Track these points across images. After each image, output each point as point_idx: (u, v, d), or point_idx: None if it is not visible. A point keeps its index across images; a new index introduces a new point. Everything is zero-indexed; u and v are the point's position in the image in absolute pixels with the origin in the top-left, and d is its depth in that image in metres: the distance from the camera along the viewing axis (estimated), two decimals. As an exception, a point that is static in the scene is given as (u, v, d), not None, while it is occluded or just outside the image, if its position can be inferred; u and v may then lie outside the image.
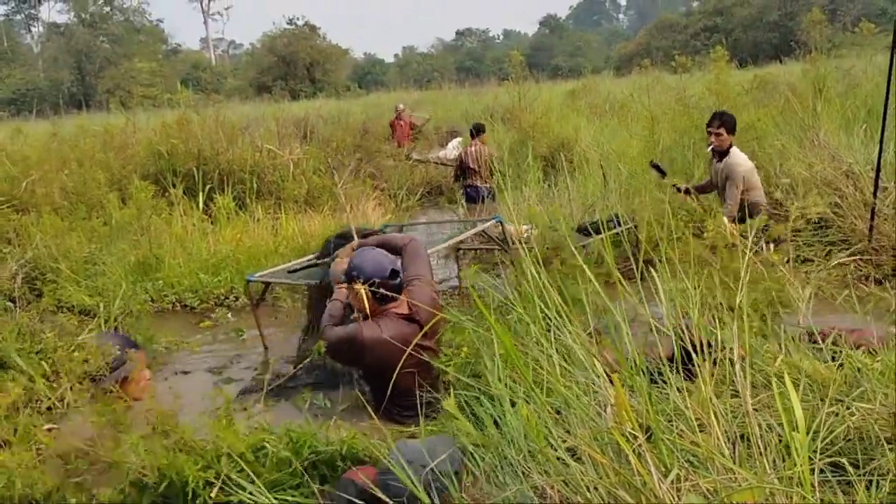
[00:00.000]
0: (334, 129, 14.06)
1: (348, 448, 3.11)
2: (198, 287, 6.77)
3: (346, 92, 39.29)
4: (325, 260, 4.81)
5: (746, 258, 2.82)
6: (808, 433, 2.19)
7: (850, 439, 2.80)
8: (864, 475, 2.31)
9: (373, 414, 3.32)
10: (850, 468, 2.21)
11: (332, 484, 2.97)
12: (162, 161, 9.47)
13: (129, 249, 7.19)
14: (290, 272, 5.22)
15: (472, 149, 10.44)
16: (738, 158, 6.36)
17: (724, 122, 6.39)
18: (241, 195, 9.03)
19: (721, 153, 6.44)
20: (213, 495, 2.71)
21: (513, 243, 5.59)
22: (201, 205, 8.75)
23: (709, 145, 6.54)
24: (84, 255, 6.87)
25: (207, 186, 9.09)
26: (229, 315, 6.28)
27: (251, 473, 2.74)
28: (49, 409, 3.45)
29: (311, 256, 5.40)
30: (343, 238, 4.84)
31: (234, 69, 56.36)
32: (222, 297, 6.66)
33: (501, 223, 5.48)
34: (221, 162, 9.33)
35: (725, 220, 5.15)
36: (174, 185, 8.70)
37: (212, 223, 8.24)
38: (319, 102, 24.75)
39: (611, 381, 2.08)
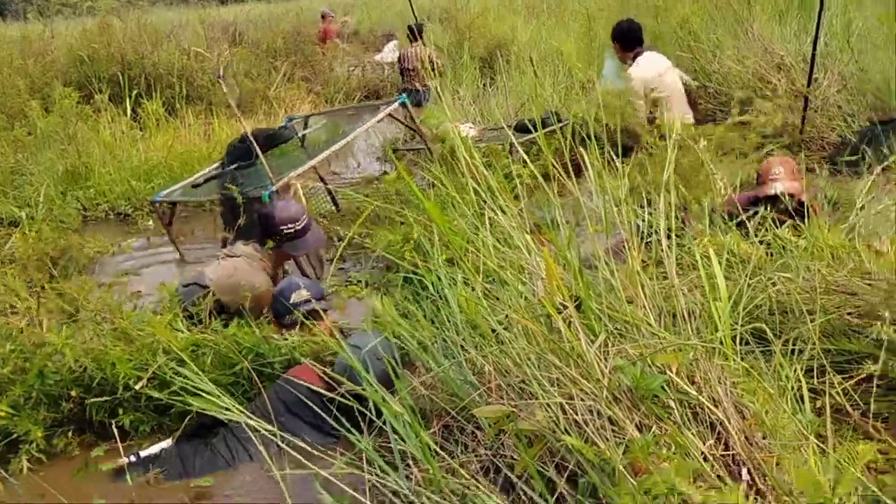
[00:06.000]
0: (265, 33, 13.60)
1: (299, 351, 3.13)
2: (130, 195, 6.63)
3: (277, -4, 37.81)
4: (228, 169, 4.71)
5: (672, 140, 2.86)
6: (730, 302, 2.28)
7: (773, 313, 2.93)
8: (786, 344, 2.42)
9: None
10: (771, 336, 2.30)
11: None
12: (84, 67, 9.10)
13: (56, 158, 6.96)
14: (194, 186, 5.09)
15: (412, 50, 10.26)
16: (633, 72, 5.97)
17: (614, 36, 6.14)
18: (171, 100, 8.75)
19: None
20: (139, 387, 2.74)
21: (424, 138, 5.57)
22: (129, 111, 8.46)
23: None
24: (10, 165, 6.65)
25: (134, 92, 8.77)
26: (150, 222, 6.19)
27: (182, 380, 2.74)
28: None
29: (215, 165, 5.25)
30: (244, 143, 4.71)
31: (158, -26, 53.69)
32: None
33: (405, 105, 5.35)
34: (147, 66, 8.99)
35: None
36: (100, 92, 8.38)
37: (141, 130, 8.00)
38: (248, 6, 23.81)
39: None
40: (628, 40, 6.07)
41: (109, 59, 9.05)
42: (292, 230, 3.95)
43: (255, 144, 4.58)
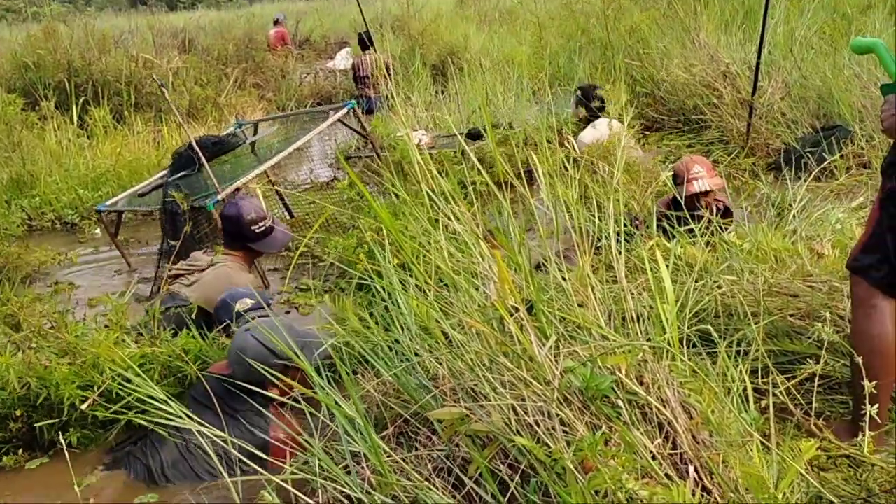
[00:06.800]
0: (215, 39, 13.47)
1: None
2: (77, 203, 6.52)
3: (227, 3, 37.40)
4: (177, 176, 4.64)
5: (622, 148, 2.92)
6: (677, 305, 2.32)
7: (719, 315, 3.00)
8: (731, 345, 2.48)
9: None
10: (716, 337, 2.36)
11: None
12: (29, 73, 8.93)
13: (0, 166, 6.81)
14: (140, 195, 5.01)
15: (366, 58, 10.28)
16: (587, 135, 5.90)
17: (585, 104, 6.15)
18: (119, 108, 8.60)
19: None
20: (85, 407, 2.71)
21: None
22: (76, 118, 8.30)
23: None
24: (-49, 173, 6.50)
25: (81, 99, 8.62)
26: (98, 232, 6.08)
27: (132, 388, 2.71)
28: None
29: (162, 173, 5.16)
30: (191, 150, 4.66)
31: (106, -21, 52.69)
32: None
33: (355, 110, 5.33)
34: (94, 73, 8.82)
35: None
36: (45, 99, 8.21)
37: (88, 137, 7.86)
38: (199, 13, 23.57)
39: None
40: (596, 110, 6.15)
41: (55, 65, 8.87)
42: (263, 227, 3.94)
43: (199, 153, 4.52)
